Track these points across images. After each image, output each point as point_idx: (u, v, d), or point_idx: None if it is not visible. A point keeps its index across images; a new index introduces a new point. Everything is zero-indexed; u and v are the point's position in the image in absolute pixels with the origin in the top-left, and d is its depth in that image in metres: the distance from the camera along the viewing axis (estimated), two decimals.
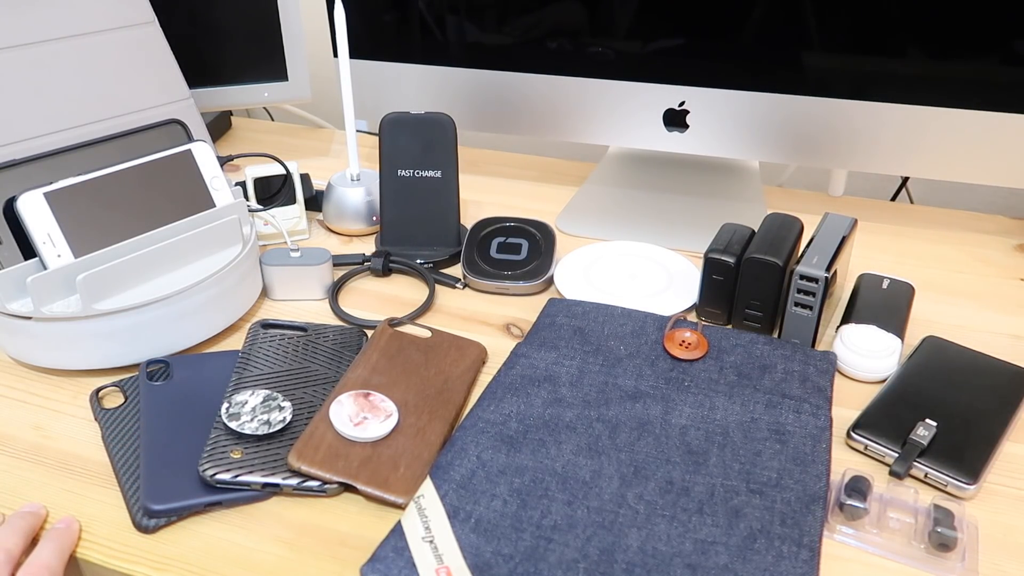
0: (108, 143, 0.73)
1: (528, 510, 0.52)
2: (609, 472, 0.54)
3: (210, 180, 0.72)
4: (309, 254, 0.74)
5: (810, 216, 0.88)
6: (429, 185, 0.80)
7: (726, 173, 0.95)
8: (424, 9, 0.84)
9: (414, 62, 0.88)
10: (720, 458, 0.55)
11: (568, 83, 0.84)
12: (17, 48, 0.74)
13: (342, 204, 0.84)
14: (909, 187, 1.03)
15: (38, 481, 0.56)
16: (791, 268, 0.64)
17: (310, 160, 1.03)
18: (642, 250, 0.79)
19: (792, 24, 0.75)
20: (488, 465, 0.55)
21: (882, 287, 0.71)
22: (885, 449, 0.57)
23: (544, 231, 0.80)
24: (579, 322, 0.68)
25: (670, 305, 0.72)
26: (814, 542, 0.50)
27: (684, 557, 0.49)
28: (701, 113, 0.82)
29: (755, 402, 0.60)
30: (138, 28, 0.82)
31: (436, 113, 0.80)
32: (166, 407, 0.59)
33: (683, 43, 0.79)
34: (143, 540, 0.52)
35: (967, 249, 0.83)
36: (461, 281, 0.77)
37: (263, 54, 0.96)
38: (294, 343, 0.66)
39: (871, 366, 0.64)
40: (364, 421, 0.57)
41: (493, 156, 1.04)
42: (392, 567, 0.48)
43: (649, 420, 0.59)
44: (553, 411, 0.59)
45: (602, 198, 0.91)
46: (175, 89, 0.83)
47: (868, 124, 0.77)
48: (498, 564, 0.48)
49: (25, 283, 0.62)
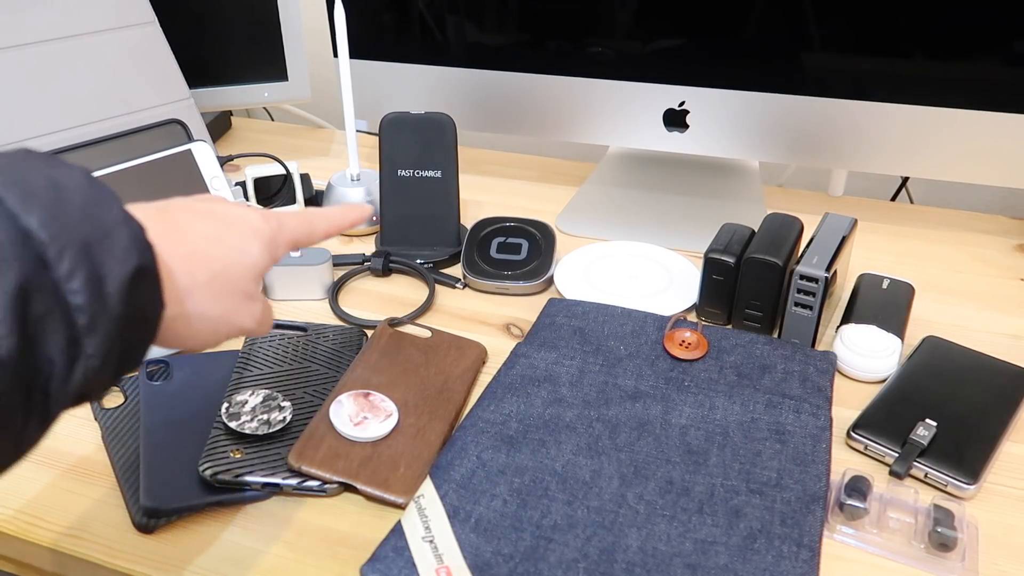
0: (108, 143, 0.73)
1: (528, 510, 0.52)
2: (609, 472, 0.54)
3: (210, 180, 0.72)
4: (309, 254, 0.74)
5: (810, 216, 0.88)
6: (429, 185, 0.80)
7: (726, 173, 0.95)
8: (424, 9, 0.84)
9: (414, 62, 0.88)
10: (720, 458, 0.55)
11: (568, 83, 0.84)
12: (17, 48, 0.74)
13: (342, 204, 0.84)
14: (909, 187, 1.03)
15: (38, 481, 0.56)
16: (791, 268, 0.64)
17: (310, 160, 1.03)
18: (642, 250, 0.79)
19: (792, 24, 0.75)
20: (488, 465, 0.55)
21: (882, 287, 0.71)
22: (885, 449, 0.57)
23: (544, 231, 0.80)
24: (579, 322, 0.68)
25: (670, 305, 0.72)
26: (814, 542, 0.50)
27: (684, 557, 0.49)
28: (701, 113, 0.82)
29: (755, 402, 0.60)
30: (138, 28, 0.82)
31: (436, 113, 0.80)
32: (166, 407, 0.59)
33: (683, 43, 0.79)
34: (143, 540, 0.52)
35: (967, 249, 0.83)
36: (461, 281, 0.77)
37: (263, 54, 0.97)
38: (294, 343, 0.66)
39: (871, 366, 0.64)
40: (364, 421, 0.57)
41: (493, 156, 1.04)
42: (392, 567, 0.48)
43: (649, 420, 0.59)
44: (553, 411, 0.59)
45: (602, 198, 0.91)
46: (175, 89, 0.83)
47: (868, 124, 0.77)
48: (498, 564, 0.48)
49: None
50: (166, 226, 0.40)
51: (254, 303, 0.45)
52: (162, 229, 0.40)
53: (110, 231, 0.34)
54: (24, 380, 0.31)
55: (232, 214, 0.44)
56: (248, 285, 0.44)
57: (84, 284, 0.32)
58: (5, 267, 0.30)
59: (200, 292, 0.41)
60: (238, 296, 0.43)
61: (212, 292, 0.41)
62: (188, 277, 0.40)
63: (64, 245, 0.32)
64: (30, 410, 0.32)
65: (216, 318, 0.42)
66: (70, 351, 0.32)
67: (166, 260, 0.39)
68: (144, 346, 0.37)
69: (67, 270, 0.32)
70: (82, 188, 0.34)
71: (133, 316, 0.35)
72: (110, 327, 0.33)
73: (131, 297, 0.34)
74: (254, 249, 0.44)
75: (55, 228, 0.32)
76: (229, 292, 0.42)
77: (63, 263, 0.32)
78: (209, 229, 0.42)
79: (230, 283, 0.42)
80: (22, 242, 0.31)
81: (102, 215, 0.34)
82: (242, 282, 0.43)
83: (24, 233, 0.31)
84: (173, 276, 0.39)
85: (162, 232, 0.39)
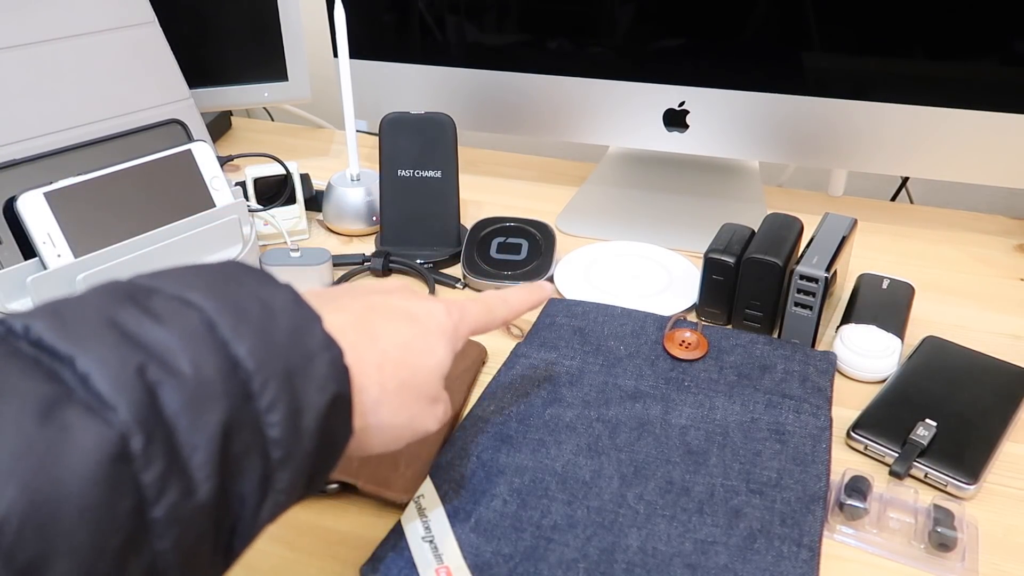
0: (108, 143, 0.73)
1: (528, 510, 0.52)
2: (609, 472, 0.54)
3: (210, 180, 0.72)
4: (309, 254, 0.74)
5: (810, 216, 0.88)
6: (429, 185, 0.80)
7: (726, 173, 0.95)
8: (424, 9, 0.84)
9: (414, 62, 0.88)
10: (720, 458, 0.55)
11: (568, 83, 0.84)
12: (17, 48, 0.74)
13: (342, 204, 0.84)
14: (909, 187, 1.03)
15: None
16: (791, 268, 0.64)
17: (310, 160, 1.03)
18: (642, 250, 0.79)
19: (792, 24, 0.75)
20: (488, 465, 0.55)
21: (882, 287, 0.71)
22: (885, 449, 0.57)
23: (544, 231, 0.80)
24: (579, 322, 0.68)
25: (670, 305, 0.72)
26: (814, 542, 0.50)
27: (684, 557, 0.49)
28: (701, 113, 0.82)
29: (755, 402, 0.60)
30: (138, 28, 0.82)
31: (436, 113, 0.80)
32: None
33: (683, 43, 0.79)
34: None
35: (967, 249, 0.83)
36: (461, 281, 0.77)
37: (263, 54, 0.96)
38: None
39: (871, 366, 0.64)
40: None
41: (493, 156, 1.04)
42: (392, 567, 0.48)
43: (649, 420, 0.59)
44: (553, 411, 0.59)
45: (602, 198, 0.91)
46: (175, 89, 0.83)
47: (868, 124, 0.77)
48: (498, 564, 0.48)
49: (25, 283, 0.62)
50: (360, 335, 0.38)
51: (438, 405, 0.43)
52: (356, 339, 0.38)
53: (312, 358, 0.32)
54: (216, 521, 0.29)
55: (422, 312, 0.42)
56: (434, 388, 0.42)
57: (283, 418, 0.30)
58: (213, 403, 0.28)
59: (388, 402, 0.39)
60: (424, 401, 0.41)
61: (400, 401, 0.39)
62: (378, 388, 0.38)
63: (269, 376, 0.30)
64: (216, 549, 0.30)
65: (401, 426, 0.40)
66: (262, 487, 0.30)
67: (358, 375, 0.37)
68: (327, 473, 0.35)
69: (269, 402, 0.30)
70: (289, 310, 0.32)
71: (324, 446, 0.33)
72: (302, 461, 0.32)
73: (325, 427, 0.32)
74: (441, 349, 0.42)
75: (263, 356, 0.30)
76: (415, 398, 0.40)
77: (266, 395, 0.30)
78: (401, 333, 0.40)
79: (417, 389, 0.40)
80: (231, 374, 0.29)
81: (306, 340, 0.32)
82: (429, 386, 0.41)
83: (233, 363, 0.29)
84: (363, 391, 0.37)
85: (356, 343, 0.37)
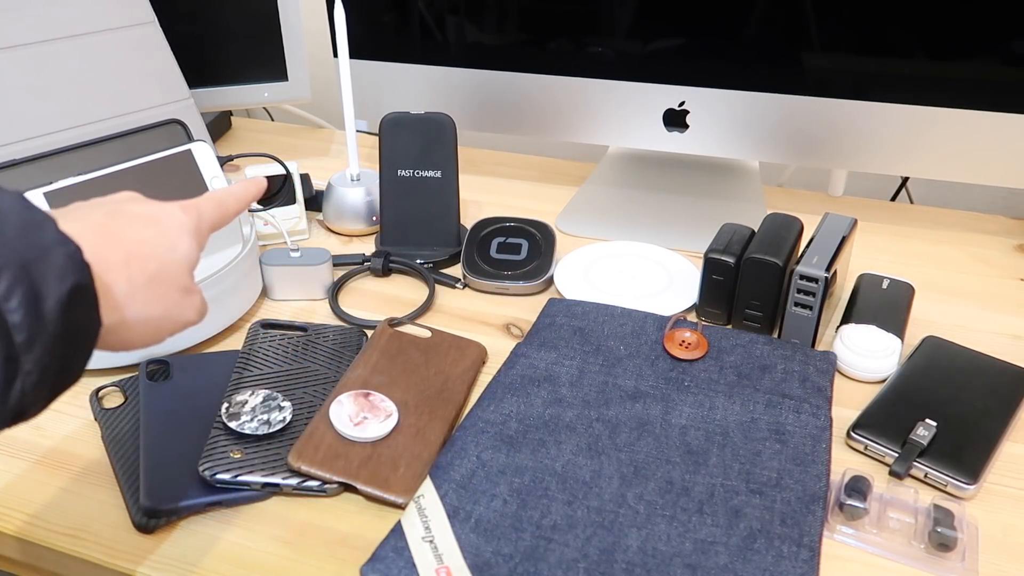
0: (108, 143, 0.73)
1: (528, 510, 0.52)
2: (609, 472, 0.54)
3: (210, 180, 0.72)
4: (309, 254, 0.74)
5: (810, 216, 0.88)
6: (429, 185, 0.80)
7: (726, 173, 0.95)
8: (424, 9, 0.84)
9: (414, 62, 0.88)
10: (720, 458, 0.55)
11: (568, 83, 0.84)
12: (17, 48, 0.74)
13: (342, 204, 0.84)
14: (909, 187, 1.03)
15: (38, 481, 0.56)
16: (791, 268, 0.64)
17: (310, 160, 1.03)
18: (642, 250, 0.79)
19: (792, 24, 0.75)
20: (488, 465, 0.55)
21: (882, 287, 0.71)
22: (885, 449, 0.57)
23: (544, 231, 0.80)
24: (579, 322, 0.68)
25: (670, 305, 0.72)
26: (814, 542, 0.50)
27: (684, 557, 0.49)
28: (701, 113, 0.82)
29: (755, 402, 0.60)
30: (138, 28, 0.82)
31: (436, 113, 0.80)
32: (166, 407, 0.59)
33: (683, 43, 0.79)
34: (143, 540, 0.52)
35: (967, 249, 0.83)
36: (461, 281, 0.77)
37: (263, 54, 0.97)
38: (294, 343, 0.66)
39: (871, 366, 0.64)
40: (364, 421, 0.57)
41: (493, 156, 1.04)
42: (392, 567, 0.48)
43: (649, 420, 0.59)
44: (553, 411, 0.59)
45: (602, 198, 0.91)
46: (175, 89, 0.83)
47: (868, 124, 0.77)
48: (498, 564, 0.48)
49: None
50: (102, 236, 0.41)
51: (193, 296, 0.46)
52: (99, 239, 0.41)
53: (47, 251, 0.35)
54: None
55: (160, 212, 0.45)
56: (185, 279, 0.45)
57: (22, 302, 0.33)
58: None
59: (140, 296, 0.42)
60: (177, 292, 0.44)
61: (152, 294, 0.43)
62: (127, 283, 0.41)
63: (2, 265, 0.33)
64: None
65: (158, 318, 0.43)
66: (8, 368, 0.33)
67: (103, 272, 0.40)
68: (82, 362, 0.38)
69: (5, 289, 0.32)
70: (17, 210, 0.35)
71: (71, 333, 0.35)
72: (48, 344, 0.34)
73: (69, 315, 0.35)
74: (184, 243, 0.45)
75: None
76: (168, 290, 0.44)
77: (1, 282, 0.32)
78: (142, 232, 0.43)
79: (168, 281, 0.44)
80: None
81: (39, 236, 0.35)
82: (179, 278, 0.44)
83: None
84: (111, 287, 0.40)
85: (99, 243, 0.41)
